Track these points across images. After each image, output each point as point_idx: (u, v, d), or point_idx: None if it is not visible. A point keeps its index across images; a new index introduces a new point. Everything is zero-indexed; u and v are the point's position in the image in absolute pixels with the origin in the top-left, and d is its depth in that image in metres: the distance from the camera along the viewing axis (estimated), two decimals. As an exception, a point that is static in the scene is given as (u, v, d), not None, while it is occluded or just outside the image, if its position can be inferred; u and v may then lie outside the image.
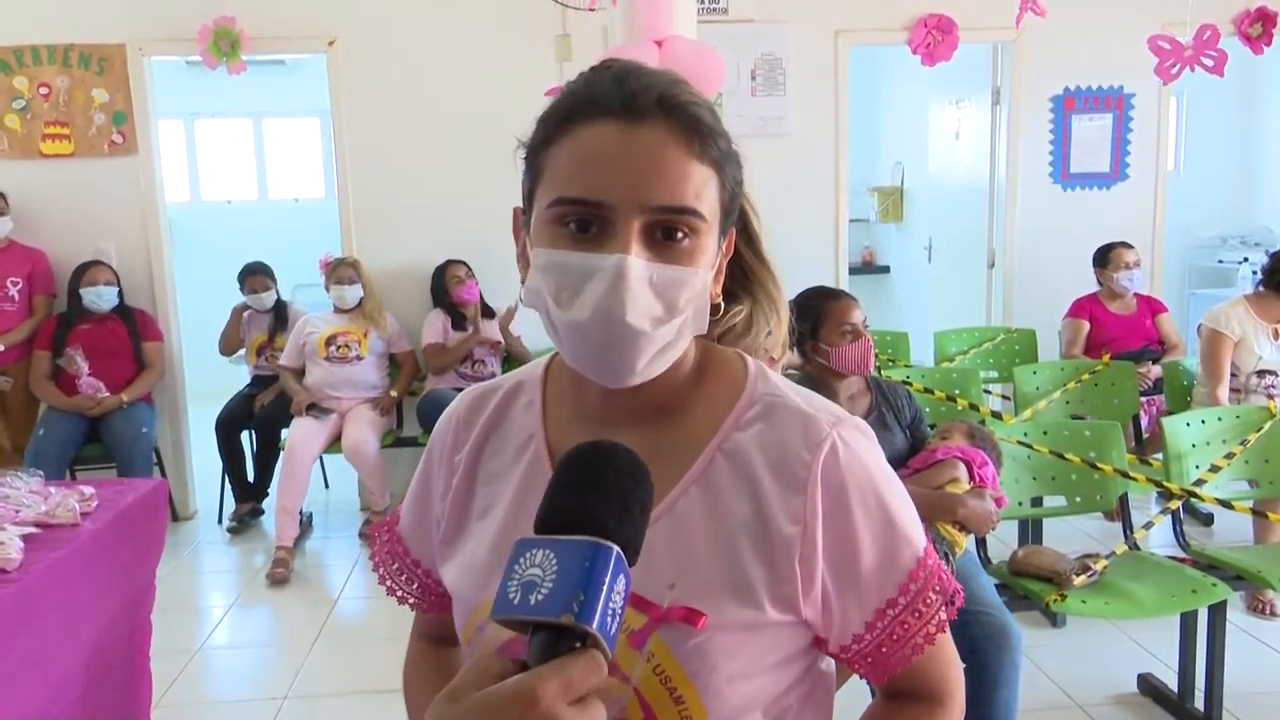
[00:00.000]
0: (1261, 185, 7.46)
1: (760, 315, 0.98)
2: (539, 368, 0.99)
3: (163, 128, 4.99)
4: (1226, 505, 3.03)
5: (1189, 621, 2.78)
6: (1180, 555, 2.97)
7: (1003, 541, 3.67)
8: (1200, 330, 3.92)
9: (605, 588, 0.61)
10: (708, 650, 0.82)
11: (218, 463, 4.77)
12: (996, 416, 3.64)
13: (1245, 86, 7.21)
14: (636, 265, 0.80)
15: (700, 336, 0.89)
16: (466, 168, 4.71)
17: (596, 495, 0.66)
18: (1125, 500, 3.07)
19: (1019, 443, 3.00)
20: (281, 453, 4.53)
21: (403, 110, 4.82)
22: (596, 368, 0.84)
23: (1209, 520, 4.27)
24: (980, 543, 2.84)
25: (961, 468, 2.51)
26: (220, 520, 4.79)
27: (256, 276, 4.88)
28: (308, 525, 4.71)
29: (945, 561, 2.37)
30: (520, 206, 0.90)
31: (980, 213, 5.47)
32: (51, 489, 2.37)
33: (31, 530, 2.15)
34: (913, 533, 0.88)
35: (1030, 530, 3.63)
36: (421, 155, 4.84)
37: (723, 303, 0.93)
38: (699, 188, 0.82)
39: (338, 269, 4.65)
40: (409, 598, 1.06)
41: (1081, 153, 5.21)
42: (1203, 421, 3.18)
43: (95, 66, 4.66)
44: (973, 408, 3.66)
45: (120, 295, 4.54)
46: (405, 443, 4.72)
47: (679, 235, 0.82)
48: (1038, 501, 3.14)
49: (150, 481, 2.76)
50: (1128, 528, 3.03)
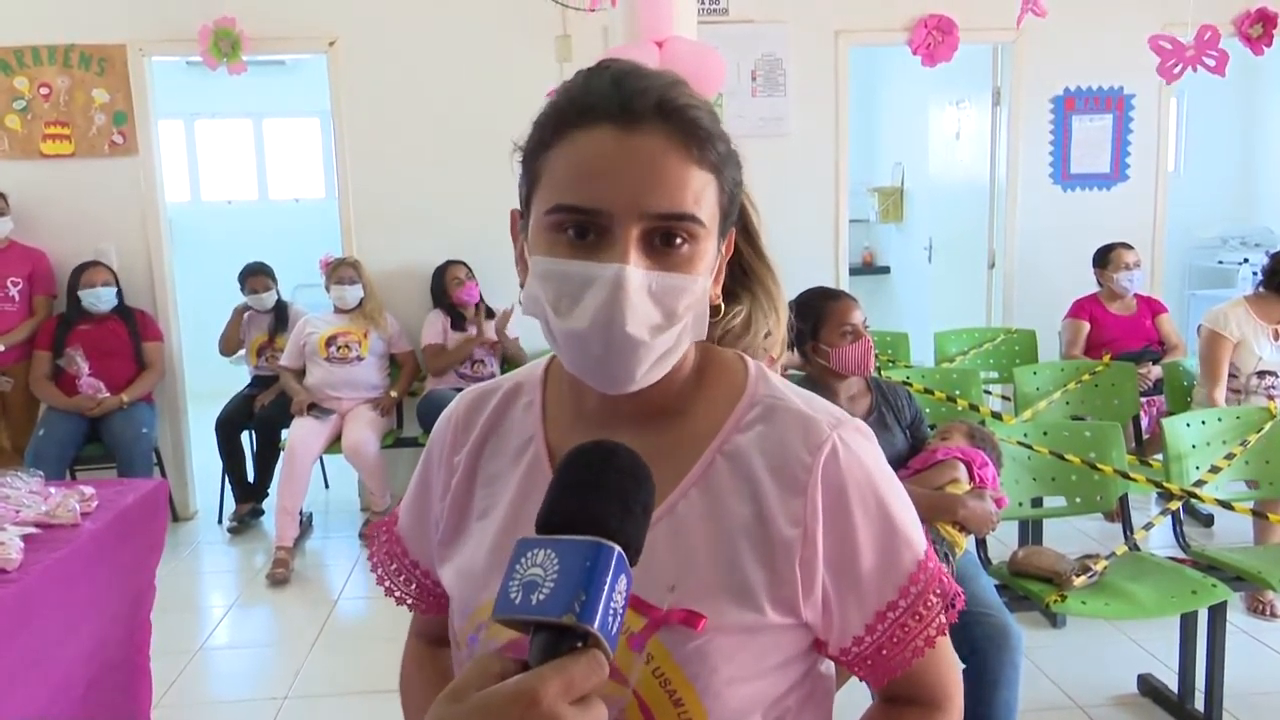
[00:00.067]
0: (1261, 185, 7.46)
1: (759, 314, 0.98)
2: (538, 369, 0.99)
3: (163, 128, 5.00)
4: (1226, 506, 3.03)
5: (1189, 622, 2.78)
6: (1180, 556, 2.97)
7: (1003, 542, 3.67)
8: (1200, 331, 3.92)
9: (607, 588, 0.61)
10: (707, 652, 0.82)
11: (218, 463, 4.77)
12: (996, 417, 3.64)
13: (1245, 87, 7.21)
14: (635, 275, 0.79)
15: None
16: (467, 168, 4.71)
17: (598, 495, 0.66)
18: (1125, 501, 3.07)
19: (1019, 443, 3.00)
20: (281, 453, 4.53)
21: (403, 110, 4.82)
22: (595, 375, 0.84)
23: (1209, 521, 4.27)
24: (980, 543, 2.84)
25: (961, 468, 2.51)
26: (220, 520, 4.79)
27: (257, 277, 4.88)
28: (308, 525, 4.71)
29: (945, 562, 2.37)
30: (518, 209, 0.90)
31: (980, 213, 5.47)
32: (52, 489, 2.37)
33: (31, 530, 2.15)
34: (913, 535, 0.88)
35: (1030, 531, 3.63)
36: (421, 155, 4.84)
37: (723, 304, 0.92)
38: (698, 193, 0.81)
39: (338, 269, 4.65)
40: (407, 598, 1.05)
41: (1082, 153, 5.21)
42: (1203, 422, 3.18)
43: (96, 67, 4.66)
44: (973, 408, 3.66)
45: (120, 295, 4.54)
46: (405, 443, 4.72)
47: (678, 241, 0.81)
48: (1038, 502, 3.14)
49: (150, 482, 2.76)
50: (1128, 528, 3.03)
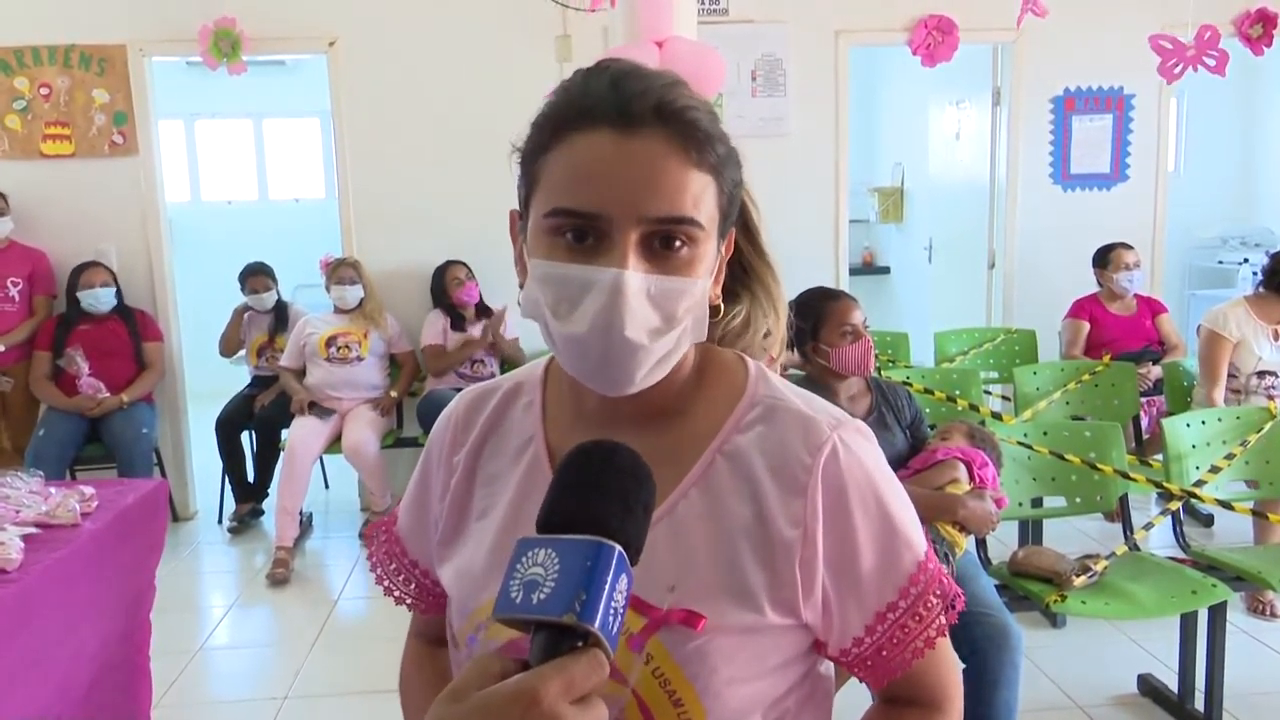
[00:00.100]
0: (1261, 185, 7.46)
1: (759, 314, 0.97)
2: (538, 369, 0.99)
3: (163, 128, 5.00)
4: (1226, 506, 3.03)
5: (1189, 622, 2.78)
6: (1180, 556, 2.97)
7: (1003, 542, 3.67)
8: (1199, 331, 3.92)
9: (607, 587, 0.61)
10: (707, 653, 0.82)
11: (218, 463, 4.77)
12: (996, 417, 3.64)
13: (1245, 87, 7.21)
14: (634, 279, 0.79)
15: None
16: (466, 168, 4.71)
17: (598, 495, 0.66)
18: (1125, 501, 3.07)
19: (1019, 443, 3.00)
20: (281, 453, 4.53)
21: (403, 110, 4.82)
22: (595, 378, 0.84)
23: (1209, 521, 4.27)
24: (980, 543, 2.84)
25: (961, 468, 2.51)
26: (220, 520, 4.79)
27: (257, 277, 4.88)
28: (308, 525, 4.71)
29: (945, 562, 2.37)
30: (517, 210, 0.90)
31: (980, 213, 5.46)
32: (52, 489, 2.37)
33: (31, 530, 2.15)
34: (913, 536, 0.88)
35: (1030, 531, 3.63)
36: (421, 155, 4.84)
37: (722, 304, 0.92)
38: (697, 196, 0.81)
39: (338, 269, 4.65)
40: (406, 598, 1.05)
41: (1082, 153, 5.21)
42: (1203, 422, 3.18)
43: (96, 67, 4.66)
44: (973, 408, 3.66)
45: (119, 296, 4.54)
46: (405, 443, 4.72)
47: (677, 244, 0.81)
48: (1038, 502, 3.14)
49: (150, 482, 2.76)
50: (1128, 528, 3.03)
